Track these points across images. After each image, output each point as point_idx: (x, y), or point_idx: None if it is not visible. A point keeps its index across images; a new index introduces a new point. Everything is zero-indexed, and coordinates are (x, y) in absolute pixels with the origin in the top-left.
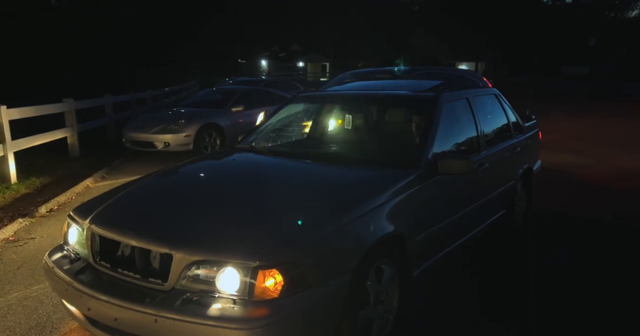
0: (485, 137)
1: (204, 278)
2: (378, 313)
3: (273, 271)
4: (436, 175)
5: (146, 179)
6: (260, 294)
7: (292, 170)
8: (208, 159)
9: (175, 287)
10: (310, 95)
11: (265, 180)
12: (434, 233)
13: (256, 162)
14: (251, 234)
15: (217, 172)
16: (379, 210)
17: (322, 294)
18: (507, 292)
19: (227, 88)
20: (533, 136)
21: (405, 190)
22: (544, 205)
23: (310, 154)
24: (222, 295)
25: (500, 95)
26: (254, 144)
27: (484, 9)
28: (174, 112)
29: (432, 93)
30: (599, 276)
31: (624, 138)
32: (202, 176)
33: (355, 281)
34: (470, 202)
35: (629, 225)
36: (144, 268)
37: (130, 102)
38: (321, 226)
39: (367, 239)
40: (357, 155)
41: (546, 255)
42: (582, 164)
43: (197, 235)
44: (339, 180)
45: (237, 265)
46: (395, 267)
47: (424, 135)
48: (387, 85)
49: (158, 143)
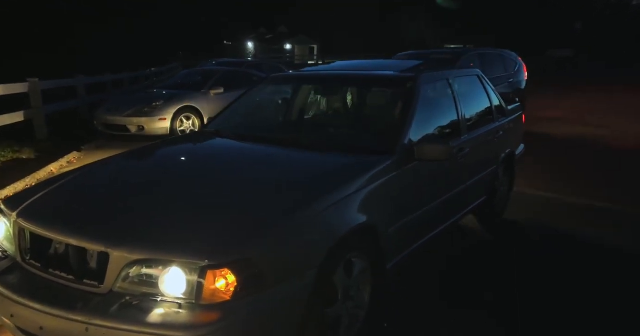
0: (466, 120)
1: (146, 279)
2: (347, 309)
3: (225, 270)
4: (413, 161)
5: (88, 168)
6: (210, 296)
7: (257, 156)
8: (166, 145)
9: (112, 290)
10: (283, 76)
11: (226, 168)
12: (411, 223)
13: (220, 147)
14: (201, 230)
15: (173, 159)
16: (350, 199)
17: (282, 294)
18: (490, 284)
19: (207, 69)
20: (516, 119)
21: (379, 177)
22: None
23: (280, 139)
24: (167, 298)
25: (483, 76)
26: (220, 128)
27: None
28: (150, 93)
29: (411, 74)
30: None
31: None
32: (154, 164)
33: (322, 278)
34: (450, 189)
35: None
36: (79, 269)
37: (106, 84)
38: (283, 219)
39: (336, 231)
40: (329, 140)
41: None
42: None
43: (139, 231)
44: (307, 167)
45: (184, 265)
46: (367, 260)
47: (400, 119)
48: (367, 66)
49: (132, 127)
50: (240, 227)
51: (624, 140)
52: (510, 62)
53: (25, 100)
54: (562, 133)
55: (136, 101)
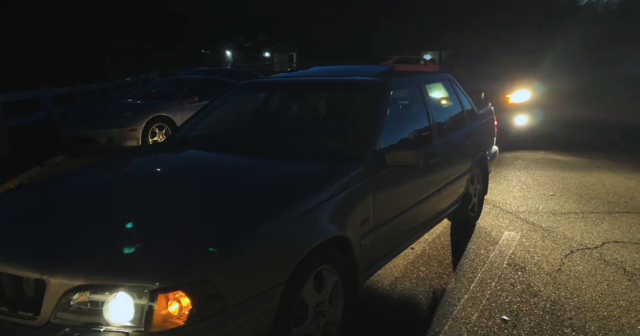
0: (437, 125)
1: (88, 307)
2: (318, 326)
3: (178, 293)
4: (384, 168)
5: (31, 185)
6: (161, 322)
7: (220, 166)
8: (124, 157)
9: (50, 321)
10: (253, 83)
11: (184, 180)
12: (383, 232)
13: (182, 158)
14: (151, 249)
15: (127, 172)
16: (318, 209)
17: (244, 315)
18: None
19: (180, 78)
20: (488, 123)
21: (349, 185)
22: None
23: (246, 147)
24: (112, 327)
25: (454, 80)
26: (186, 137)
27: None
28: (120, 103)
29: (380, 78)
30: None
31: None
32: (104, 179)
33: (289, 295)
34: (422, 195)
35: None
36: (13, 299)
37: (75, 95)
38: (245, 232)
39: (303, 244)
40: (298, 147)
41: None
42: None
43: (79, 255)
44: (273, 177)
45: (132, 289)
46: (338, 273)
47: (370, 125)
48: (337, 71)
49: (101, 139)
50: (195, 244)
51: None
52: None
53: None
54: None
55: (105, 112)
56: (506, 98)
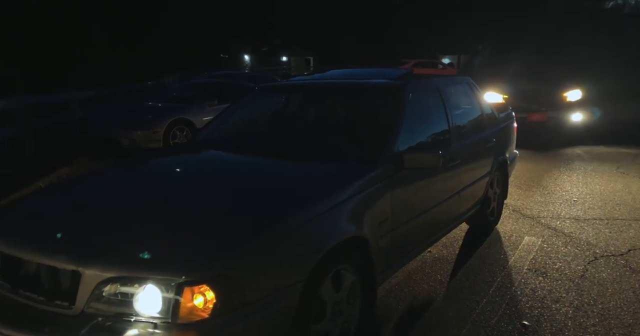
0: (457, 128)
1: (119, 298)
2: (336, 324)
3: (203, 287)
4: (402, 170)
5: (62, 182)
6: (187, 315)
7: (241, 167)
8: (149, 157)
9: (84, 311)
10: (272, 86)
11: (209, 179)
12: (402, 234)
13: (204, 158)
14: (179, 244)
15: (153, 171)
16: (337, 209)
17: (265, 310)
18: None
19: (200, 82)
20: (508, 127)
21: (367, 186)
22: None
23: (267, 149)
24: (141, 318)
25: (474, 84)
26: (207, 139)
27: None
28: (143, 106)
29: (399, 82)
30: None
31: None
32: (132, 177)
33: (307, 292)
34: (440, 198)
35: None
36: (50, 289)
37: (102, 97)
38: (266, 232)
39: (322, 243)
40: (317, 149)
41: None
42: None
43: (112, 248)
44: (293, 177)
45: (160, 282)
46: (356, 273)
47: (389, 128)
48: (357, 74)
49: (124, 140)
50: (220, 241)
51: None
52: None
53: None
54: None
55: (128, 114)
56: (563, 97)
